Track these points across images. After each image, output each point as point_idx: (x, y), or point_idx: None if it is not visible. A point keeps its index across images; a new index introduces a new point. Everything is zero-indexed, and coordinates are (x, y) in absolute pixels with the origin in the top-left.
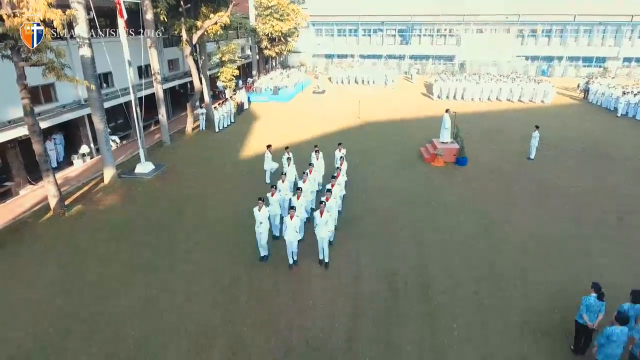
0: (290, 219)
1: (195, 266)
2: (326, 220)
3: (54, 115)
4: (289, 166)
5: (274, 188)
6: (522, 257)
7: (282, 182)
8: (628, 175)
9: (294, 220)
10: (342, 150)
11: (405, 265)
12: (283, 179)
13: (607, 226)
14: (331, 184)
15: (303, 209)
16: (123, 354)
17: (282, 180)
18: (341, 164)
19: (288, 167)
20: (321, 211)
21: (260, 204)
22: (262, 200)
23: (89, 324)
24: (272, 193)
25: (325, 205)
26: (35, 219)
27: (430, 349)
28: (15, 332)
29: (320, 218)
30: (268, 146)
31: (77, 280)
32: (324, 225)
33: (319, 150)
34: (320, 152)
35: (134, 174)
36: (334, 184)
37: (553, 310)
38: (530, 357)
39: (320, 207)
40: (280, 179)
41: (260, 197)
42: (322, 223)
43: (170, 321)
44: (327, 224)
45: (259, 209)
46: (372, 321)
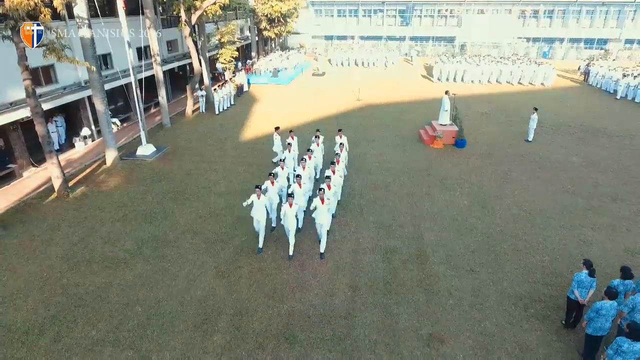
0: (290, 207)
1: (200, 239)
2: (327, 207)
3: (55, 97)
4: (289, 153)
5: (272, 176)
6: (516, 230)
7: (282, 169)
8: (621, 153)
9: (293, 207)
10: (343, 137)
11: (402, 237)
12: (282, 165)
13: (599, 199)
14: (331, 170)
15: (303, 197)
16: (134, 320)
17: (281, 167)
18: (341, 150)
19: (288, 154)
20: (321, 198)
21: (259, 192)
22: (259, 188)
23: (99, 293)
24: (272, 182)
25: (325, 192)
26: (40, 200)
27: (426, 315)
28: (29, 301)
29: (322, 205)
30: (276, 128)
31: (85, 255)
32: (326, 211)
33: (319, 136)
34: (320, 137)
35: (135, 156)
36: (334, 170)
37: (544, 283)
38: (523, 333)
39: (319, 194)
40: (279, 165)
41: (257, 185)
42: (322, 210)
43: (178, 290)
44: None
45: (258, 197)
46: (369, 295)
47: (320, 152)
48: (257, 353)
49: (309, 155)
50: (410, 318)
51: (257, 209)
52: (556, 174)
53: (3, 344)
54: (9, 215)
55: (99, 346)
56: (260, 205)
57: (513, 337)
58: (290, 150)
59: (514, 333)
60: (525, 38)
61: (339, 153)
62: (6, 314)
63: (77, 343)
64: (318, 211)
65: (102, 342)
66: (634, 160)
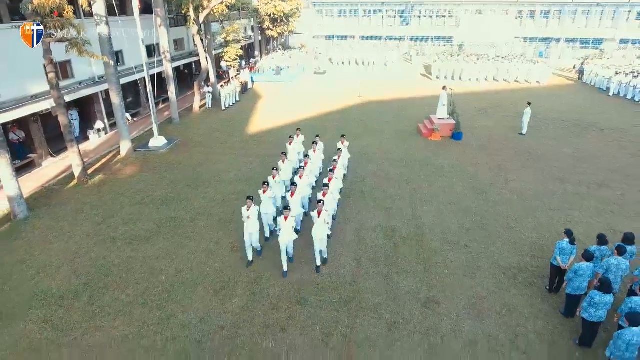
0: (285, 220)
1: (214, 220)
2: (324, 219)
3: (72, 91)
4: (283, 163)
5: (265, 185)
6: (508, 211)
7: (273, 178)
8: (610, 145)
9: (289, 221)
10: (345, 142)
11: (402, 217)
12: (274, 174)
13: (587, 186)
14: (328, 178)
15: (299, 206)
16: (159, 287)
17: (272, 177)
18: (339, 157)
19: (282, 165)
20: (319, 211)
21: (250, 203)
22: (251, 199)
23: (125, 265)
24: (264, 190)
25: (323, 204)
26: (62, 186)
27: (423, 282)
28: (61, 272)
29: (318, 218)
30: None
31: (109, 233)
32: (323, 225)
33: (317, 142)
34: (319, 143)
35: (148, 147)
36: (331, 178)
37: (532, 256)
38: (511, 297)
39: (318, 207)
40: (271, 174)
41: (249, 196)
42: (320, 223)
43: (197, 262)
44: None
45: (248, 209)
46: (371, 267)
47: (318, 159)
48: (272, 313)
49: (306, 161)
50: (409, 285)
51: (250, 221)
52: (547, 163)
53: (43, 306)
54: (33, 200)
55: (129, 307)
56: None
57: (502, 300)
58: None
59: (502, 297)
60: (523, 38)
61: (337, 160)
62: (43, 282)
63: (109, 305)
64: (315, 226)
65: (131, 305)
66: (621, 152)
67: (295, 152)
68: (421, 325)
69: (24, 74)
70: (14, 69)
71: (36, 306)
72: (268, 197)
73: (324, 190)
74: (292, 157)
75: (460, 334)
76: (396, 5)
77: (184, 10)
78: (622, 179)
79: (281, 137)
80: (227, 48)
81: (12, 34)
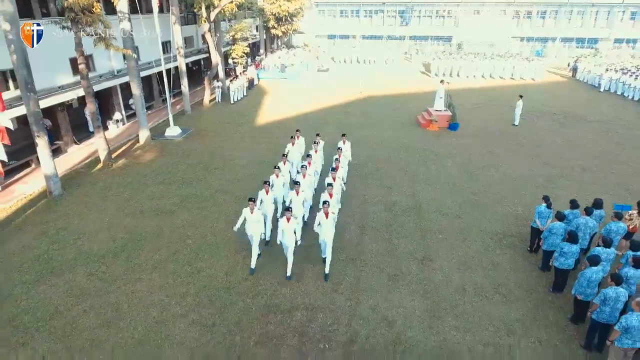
0: (287, 222)
1: (231, 197)
2: (330, 222)
3: (94, 83)
4: (284, 165)
5: (266, 184)
6: (498, 190)
7: (277, 177)
8: (597, 134)
9: (291, 222)
10: (347, 142)
11: (401, 194)
12: (277, 173)
13: (571, 169)
14: (332, 177)
15: (301, 207)
16: (187, 248)
17: (275, 175)
18: (339, 155)
19: (283, 166)
20: (326, 212)
21: (252, 204)
22: (253, 200)
23: (156, 232)
24: (266, 190)
25: (328, 205)
26: (88, 169)
27: (420, 245)
28: (99, 236)
29: (325, 220)
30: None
31: (137, 207)
32: (329, 227)
33: (318, 142)
34: (320, 142)
35: (164, 136)
36: (335, 177)
37: (517, 225)
38: (496, 256)
39: (324, 207)
40: (274, 173)
41: (250, 198)
42: (327, 225)
43: (219, 229)
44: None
45: (251, 211)
46: (374, 233)
47: (319, 159)
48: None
49: (309, 161)
50: (407, 247)
51: (252, 224)
52: (536, 150)
53: (87, 263)
54: (63, 180)
55: (163, 264)
56: (256, 220)
57: (488, 258)
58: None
59: (488, 256)
60: (520, 37)
61: (338, 158)
62: (84, 245)
63: (145, 262)
64: (322, 226)
65: (164, 262)
66: (606, 140)
67: (298, 153)
68: (417, 277)
69: (52, 66)
70: (44, 61)
71: (81, 263)
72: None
73: (329, 190)
74: (293, 157)
75: (451, 283)
76: (396, 5)
77: (196, 9)
78: (605, 164)
79: (288, 128)
80: (234, 46)
81: (47, 29)
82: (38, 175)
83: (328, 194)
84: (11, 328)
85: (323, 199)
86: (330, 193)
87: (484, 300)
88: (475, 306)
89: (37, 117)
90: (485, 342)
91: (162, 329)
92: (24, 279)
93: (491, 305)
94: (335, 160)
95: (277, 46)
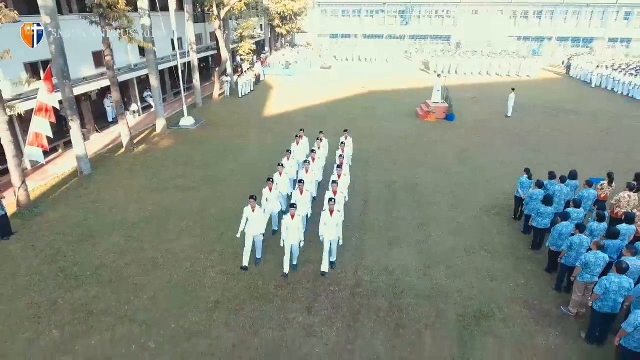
0: (292, 218)
1: (245, 178)
2: (337, 220)
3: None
4: (288, 160)
5: (270, 181)
6: (489, 172)
7: (280, 174)
8: (584, 125)
9: (296, 219)
10: (348, 138)
11: (400, 175)
12: (280, 170)
13: (557, 154)
14: (337, 174)
15: (307, 204)
16: (210, 218)
17: (279, 173)
18: (342, 150)
19: (287, 161)
20: (331, 210)
21: (253, 202)
22: (254, 198)
23: (181, 206)
24: (270, 187)
25: (334, 202)
26: (112, 153)
27: (416, 213)
28: (130, 207)
29: (330, 218)
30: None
31: (161, 184)
32: (334, 226)
33: (321, 139)
34: (323, 139)
35: (179, 125)
36: (340, 174)
37: (503, 198)
38: (484, 222)
39: (329, 205)
40: (277, 170)
41: (252, 195)
42: (332, 224)
43: (238, 203)
44: (338, 225)
45: (252, 209)
46: (376, 205)
47: (322, 156)
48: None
49: (312, 156)
50: (405, 215)
51: (254, 224)
52: (526, 138)
53: (122, 228)
54: (90, 163)
55: (189, 229)
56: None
57: (477, 224)
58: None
59: (477, 222)
60: (516, 36)
61: (342, 154)
62: (117, 215)
63: (174, 228)
64: (327, 225)
65: (191, 227)
66: (592, 130)
67: (303, 153)
68: (414, 239)
69: (77, 59)
70: (71, 54)
71: (117, 228)
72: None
73: (334, 187)
74: (298, 156)
75: (444, 243)
76: (397, 5)
77: (207, 7)
78: (588, 149)
79: (293, 119)
80: (241, 42)
81: (74, 24)
82: (65, 159)
83: (332, 191)
84: (64, 276)
85: (328, 196)
86: (335, 190)
87: (472, 255)
88: (464, 260)
89: (72, 102)
90: (471, 285)
91: (194, 276)
92: (68, 240)
93: (478, 259)
94: (339, 156)
95: (281, 45)
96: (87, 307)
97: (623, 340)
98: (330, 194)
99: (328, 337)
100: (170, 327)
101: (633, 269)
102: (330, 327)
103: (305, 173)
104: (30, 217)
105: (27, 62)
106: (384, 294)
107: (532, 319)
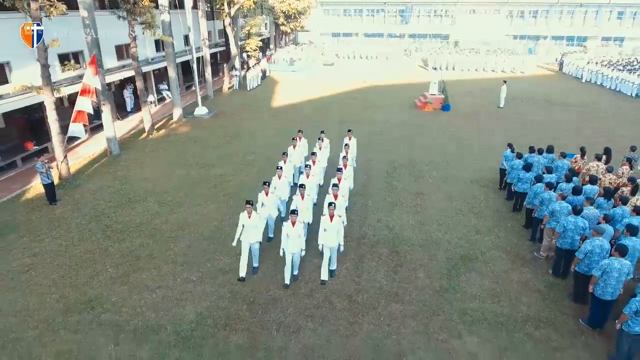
0: (293, 226)
1: (259, 157)
2: (337, 227)
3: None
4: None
5: (266, 185)
6: (479, 153)
7: (279, 178)
8: (571, 115)
9: (297, 227)
10: (352, 139)
11: (399, 155)
12: (280, 174)
13: (543, 139)
14: (337, 178)
15: (308, 211)
16: (229, 189)
17: (278, 176)
18: (346, 153)
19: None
20: (331, 215)
21: (249, 208)
22: (250, 204)
23: (202, 178)
24: (266, 192)
25: (335, 207)
26: (134, 138)
27: (414, 186)
28: (160, 180)
29: (331, 224)
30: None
31: (184, 162)
32: (335, 233)
33: (323, 139)
34: (324, 140)
35: (193, 115)
36: (341, 177)
37: (491, 174)
38: (473, 192)
39: (330, 210)
40: (276, 173)
41: (248, 201)
42: (332, 230)
43: (253, 177)
44: (338, 232)
45: (249, 215)
46: (377, 178)
47: (324, 157)
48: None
49: (313, 159)
50: (404, 186)
51: (250, 231)
52: (516, 127)
53: (154, 195)
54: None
55: (213, 197)
56: (254, 225)
57: (467, 193)
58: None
59: (467, 191)
60: (513, 35)
61: (346, 156)
62: (147, 185)
63: (200, 196)
64: (327, 232)
65: (215, 196)
66: (577, 118)
67: (302, 156)
68: (411, 203)
69: (103, 51)
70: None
71: (150, 195)
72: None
73: (334, 190)
74: (296, 160)
75: (437, 207)
76: (397, 5)
77: (218, 5)
78: (572, 135)
79: (300, 110)
80: (248, 40)
81: (100, 19)
82: (92, 142)
83: (333, 195)
84: (110, 231)
85: (328, 201)
86: (336, 194)
87: (461, 215)
88: (454, 219)
89: (104, 89)
90: (459, 237)
91: (222, 231)
92: (108, 205)
93: (466, 219)
94: (343, 158)
95: (285, 43)
96: (135, 253)
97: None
98: (331, 198)
99: (338, 272)
100: (207, 266)
101: (588, 212)
102: (340, 265)
103: (306, 178)
104: (71, 187)
105: (60, 53)
106: (385, 244)
107: (509, 260)
